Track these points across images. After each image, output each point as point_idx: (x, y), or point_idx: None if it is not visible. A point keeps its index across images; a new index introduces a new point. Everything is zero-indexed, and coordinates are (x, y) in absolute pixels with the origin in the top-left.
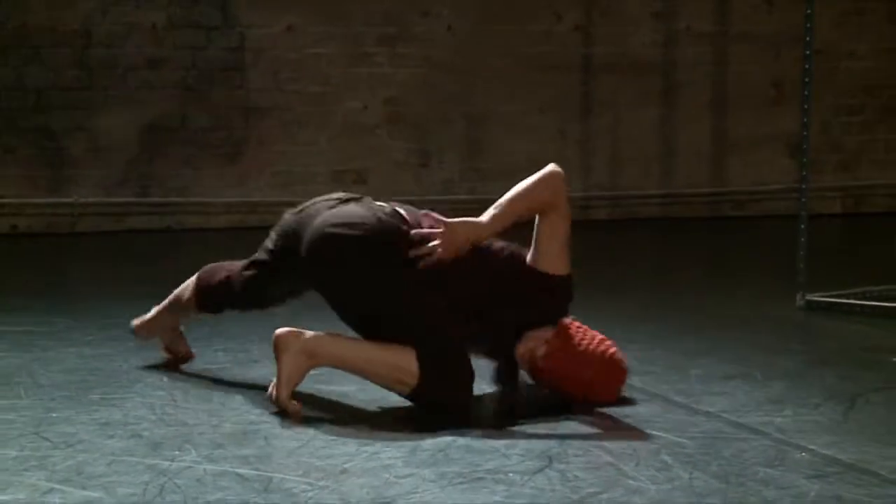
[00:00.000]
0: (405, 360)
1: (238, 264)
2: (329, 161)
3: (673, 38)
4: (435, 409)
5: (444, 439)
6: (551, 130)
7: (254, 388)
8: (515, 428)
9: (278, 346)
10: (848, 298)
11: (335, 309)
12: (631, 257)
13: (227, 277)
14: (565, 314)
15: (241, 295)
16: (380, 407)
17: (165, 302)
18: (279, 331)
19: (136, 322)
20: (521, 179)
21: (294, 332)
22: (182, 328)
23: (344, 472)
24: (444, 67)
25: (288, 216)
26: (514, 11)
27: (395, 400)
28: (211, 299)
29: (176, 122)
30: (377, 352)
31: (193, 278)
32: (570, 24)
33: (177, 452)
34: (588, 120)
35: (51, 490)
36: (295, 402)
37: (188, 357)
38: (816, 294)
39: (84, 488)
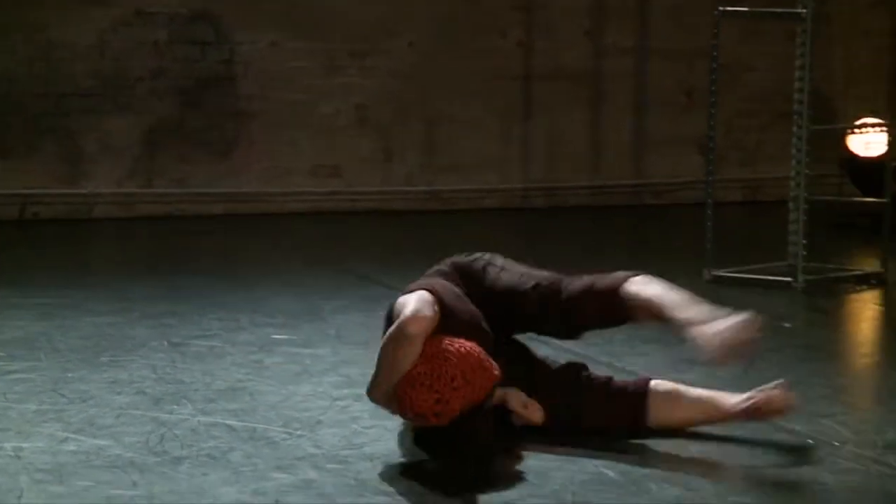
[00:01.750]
0: None
1: None
2: (307, 158)
3: (601, 53)
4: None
5: None
6: (497, 131)
7: (242, 352)
8: None
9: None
10: (747, 273)
11: None
12: (564, 239)
13: None
14: None
15: None
16: (349, 366)
17: None
18: None
19: None
20: (471, 173)
21: None
22: None
23: (319, 423)
24: (406, 78)
25: None
26: (466, 30)
27: (361, 361)
28: None
29: (175, 124)
30: None
31: None
32: (514, 40)
33: (175, 406)
34: (528, 122)
35: (66, 439)
36: None
37: None
38: (721, 270)
39: (95, 437)
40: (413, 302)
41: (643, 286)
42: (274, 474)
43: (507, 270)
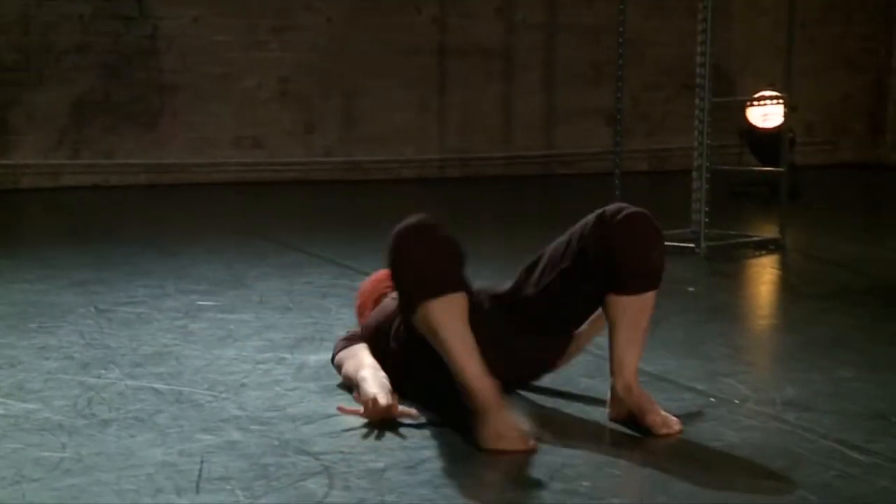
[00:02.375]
0: None
1: None
2: (231, 129)
3: (512, 29)
4: None
5: (325, 357)
6: (414, 104)
7: (168, 318)
8: None
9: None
10: None
11: None
12: (480, 208)
13: None
14: None
15: None
16: (271, 331)
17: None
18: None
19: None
20: (389, 145)
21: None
22: None
23: (243, 385)
24: (325, 52)
25: None
26: (382, 6)
27: (283, 325)
28: None
29: (101, 96)
30: None
31: None
32: (429, 17)
33: (102, 371)
34: (443, 95)
35: None
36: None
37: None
38: None
39: (24, 402)
40: (376, 389)
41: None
42: (199, 436)
43: (544, 257)
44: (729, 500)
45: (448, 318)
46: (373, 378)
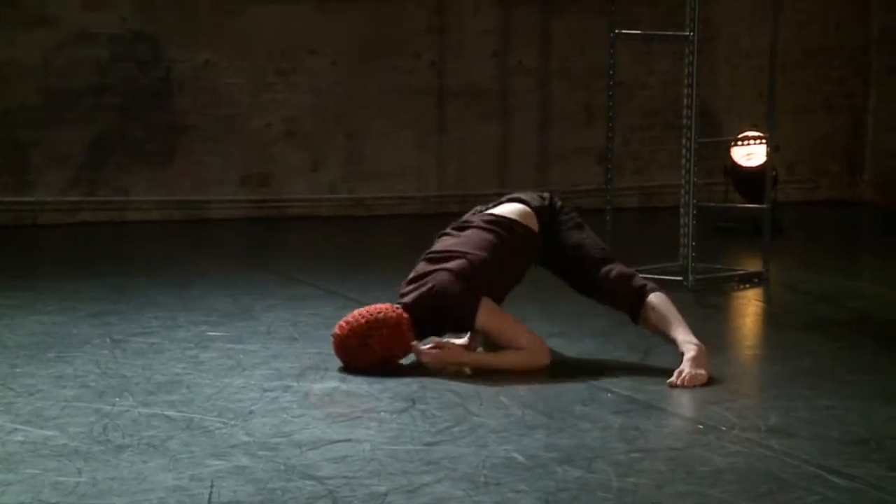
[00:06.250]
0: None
1: None
2: (239, 168)
3: (508, 72)
4: None
5: (330, 385)
6: (413, 143)
7: (179, 347)
8: (385, 376)
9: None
10: (643, 273)
11: None
12: None
13: None
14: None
15: None
16: (278, 360)
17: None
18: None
19: None
20: (391, 182)
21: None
22: None
23: (251, 412)
24: (329, 94)
25: None
26: (384, 51)
27: (290, 355)
28: None
29: (117, 136)
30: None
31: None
32: (428, 60)
33: (117, 399)
34: (442, 135)
35: (14, 430)
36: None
37: None
38: None
39: (42, 428)
40: (528, 338)
41: (660, 302)
42: (209, 461)
43: (586, 234)
44: None
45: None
46: None
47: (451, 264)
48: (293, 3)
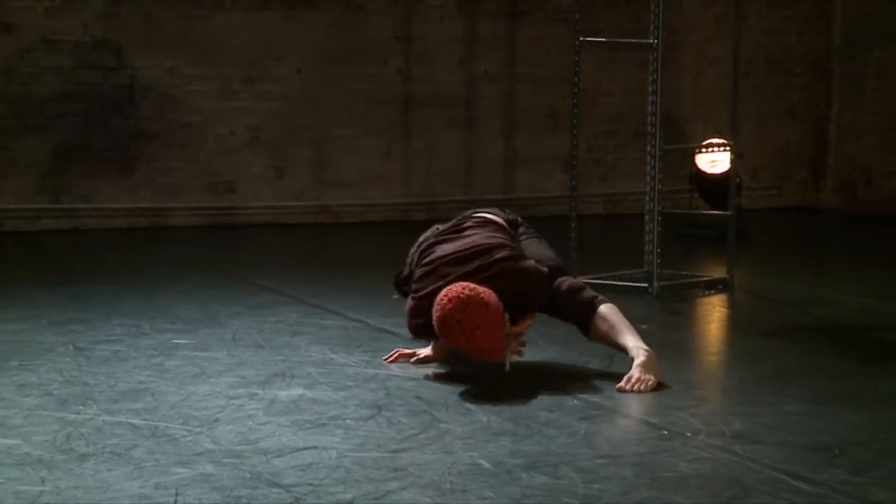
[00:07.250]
0: None
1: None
2: (204, 175)
3: (473, 79)
4: None
5: (296, 392)
6: (380, 150)
7: (144, 355)
8: (351, 383)
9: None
10: (608, 280)
11: None
12: None
13: None
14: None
15: None
16: (244, 368)
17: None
18: None
19: None
20: (357, 189)
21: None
22: None
23: (216, 420)
24: (295, 101)
25: None
26: (350, 57)
27: (255, 362)
28: None
29: (80, 143)
30: None
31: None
32: (394, 68)
33: (81, 407)
34: (408, 142)
35: None
36: None
37: None
38: (585, 277)
39: (5, 437)
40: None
41: (610, 313)
42: (174, 469)
43: (543, 247)
44: None
45: None
46: None
47: (505, 252)
48: (259, 11)
